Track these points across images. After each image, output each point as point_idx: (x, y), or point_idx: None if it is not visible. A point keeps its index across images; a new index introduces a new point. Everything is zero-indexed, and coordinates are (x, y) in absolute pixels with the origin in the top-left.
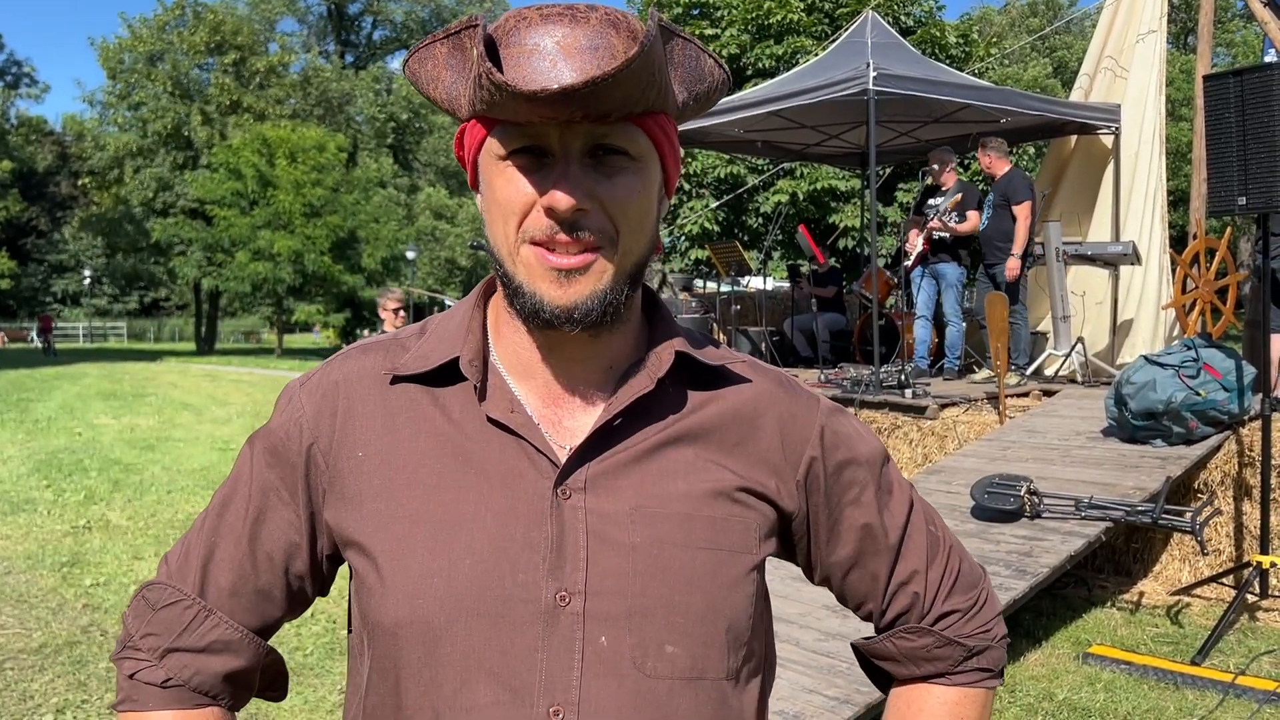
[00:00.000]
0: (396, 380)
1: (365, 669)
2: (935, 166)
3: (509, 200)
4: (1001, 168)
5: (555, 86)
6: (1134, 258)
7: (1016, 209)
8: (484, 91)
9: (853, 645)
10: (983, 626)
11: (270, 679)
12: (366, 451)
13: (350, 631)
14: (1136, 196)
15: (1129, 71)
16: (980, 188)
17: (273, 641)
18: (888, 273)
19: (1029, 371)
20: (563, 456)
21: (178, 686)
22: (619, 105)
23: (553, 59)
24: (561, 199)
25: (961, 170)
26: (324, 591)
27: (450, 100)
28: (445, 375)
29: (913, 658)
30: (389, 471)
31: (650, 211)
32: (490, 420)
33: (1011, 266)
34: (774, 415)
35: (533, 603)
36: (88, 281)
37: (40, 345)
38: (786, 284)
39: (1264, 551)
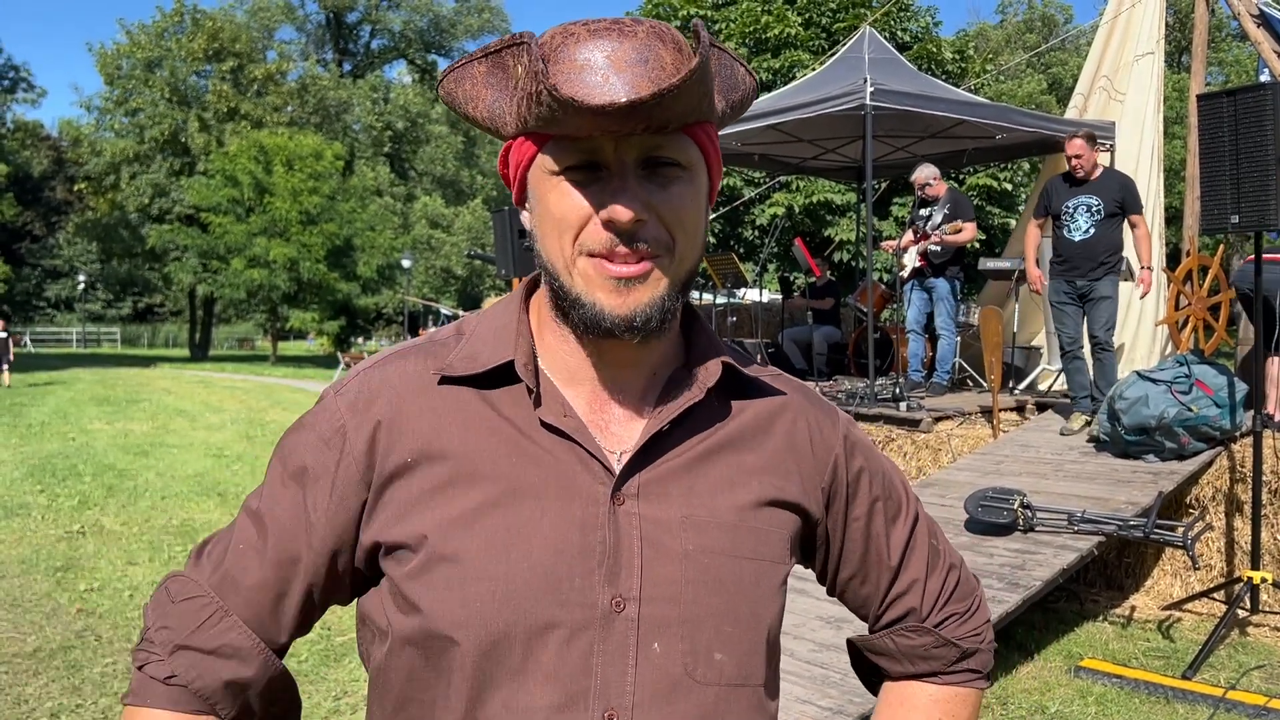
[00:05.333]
0: (444, 382)
1: (414, 668)
2: (930, 184)
3: (565, 214)
4: (1097, 168)
5: (624, 100)
6: (1127, 274)
7: (1137, 218)
8: (543, 108)
9: (848, 641)
10: (975, 630)
11: (284, 707)
12: (417, 456)
13: (370, 635)
14: None
15: (1124, 94)
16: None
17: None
18: (883, 286)
19: (1021, 387)
20: (613, 462)
21: (180, 686)
22: (679, 116)
23: (604, 73)
24: (622, 212)
25: (956, 184)
26: (345, 602)
27: (492, 119)
28: (493, 378)
29: (908, 655)
30: (441, 476)
31: (702, 219)
32: (543, 424)
33: (1146, 280)
34: (803, 424)
35: (589, 608)
36: (82, 287)
37: None
38: (780, 296)
39: (1255, 567)
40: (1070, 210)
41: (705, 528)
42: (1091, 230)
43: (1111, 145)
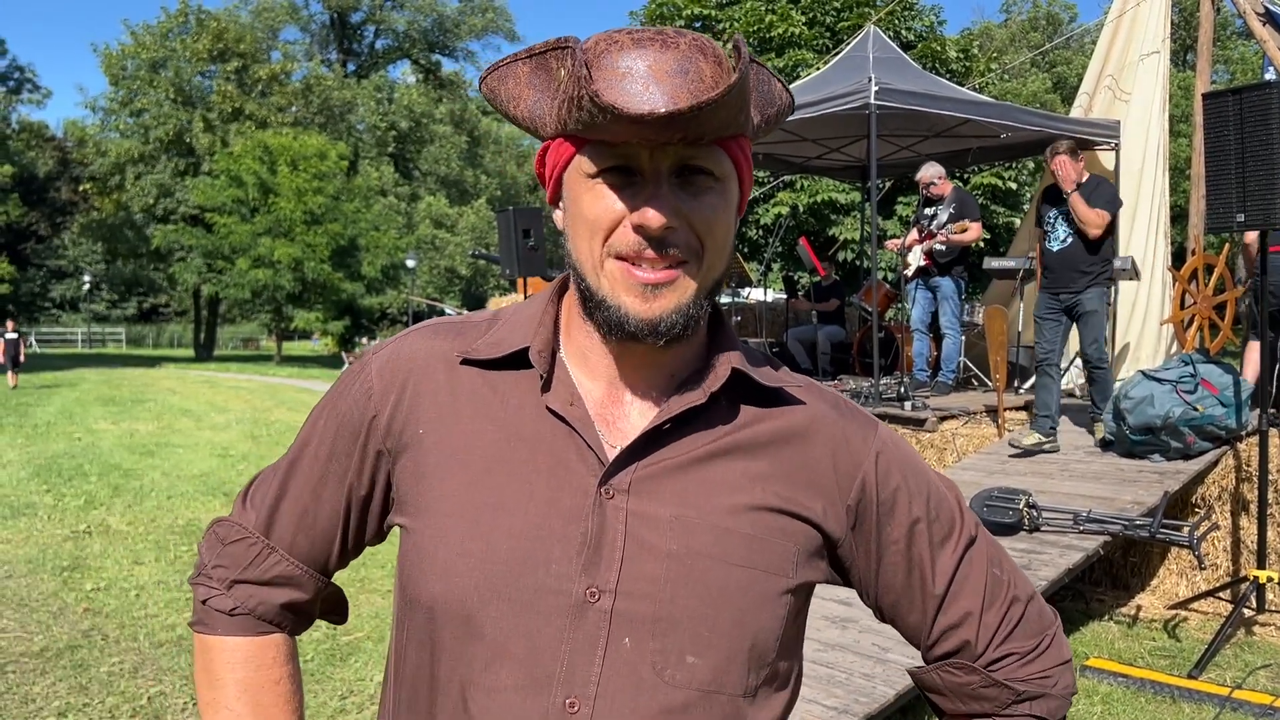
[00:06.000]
0: (466, 363)
1: (404, 640)
2: (935, 183)
3: (597, 216)
4: (1080, 175)
5: (663, 110)
6: (1133, 273)
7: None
8: (583, 113)
9: (908, 671)
10: (1042, 672)
11: (331, 605)
12: (427, 430)
13: (395, 601)
14: (1140, 214)
15: (1130, 93)
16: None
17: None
18: (887, 285)
19: (1026, 386)
20: (612, 456)
21: (244, 614)
22: (715, 129)
23: (645, 82)
24: (653, 217)
25: (960, 184)
26: (380, 540)
27: (532, 119)
28: (512, 363)
29: (958, 693)
30: (444, 451)
31: (731, 230)
32: (549, 410)
33: (1074, 201)
34: (826, 438)
35: (563, 595)
36: (87, 287)
37: None
38: (785, 295)
39: (1260, 566)
40: (1051, 220)
41: (694, 530)
42: (1070, 239)
43: (1117, 145)
